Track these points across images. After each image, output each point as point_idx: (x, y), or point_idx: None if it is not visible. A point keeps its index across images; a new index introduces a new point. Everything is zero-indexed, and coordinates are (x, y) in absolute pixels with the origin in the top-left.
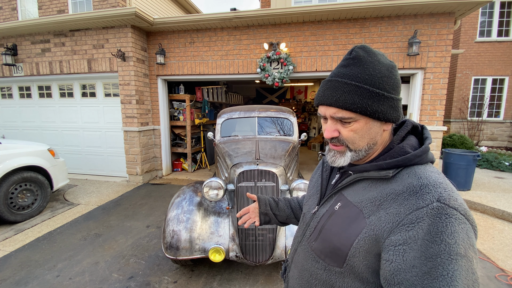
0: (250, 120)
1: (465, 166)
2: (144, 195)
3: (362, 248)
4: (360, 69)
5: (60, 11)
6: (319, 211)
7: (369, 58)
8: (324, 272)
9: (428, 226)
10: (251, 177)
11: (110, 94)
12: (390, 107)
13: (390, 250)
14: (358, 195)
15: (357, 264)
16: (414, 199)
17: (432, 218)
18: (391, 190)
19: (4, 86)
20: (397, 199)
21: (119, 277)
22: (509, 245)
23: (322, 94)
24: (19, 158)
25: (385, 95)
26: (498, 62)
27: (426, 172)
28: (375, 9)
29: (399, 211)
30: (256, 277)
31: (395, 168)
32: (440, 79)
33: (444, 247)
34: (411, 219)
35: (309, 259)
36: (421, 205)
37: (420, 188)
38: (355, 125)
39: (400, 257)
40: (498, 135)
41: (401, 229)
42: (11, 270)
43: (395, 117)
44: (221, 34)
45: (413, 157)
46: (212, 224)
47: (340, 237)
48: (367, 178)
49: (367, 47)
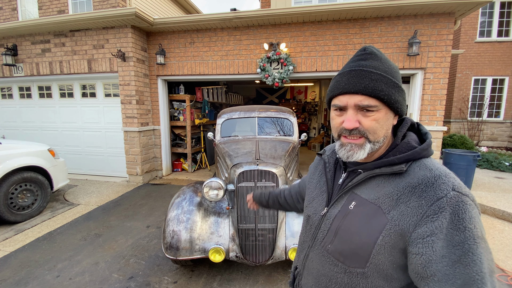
0: (250, 120)
1: (465, 166)
2: (144, 195)
3: (388, 244)
4: (379, 62)
5: (60, 11)
6: (329, 213)
7: (381, 55)
8: (345, 275)
9: (450, 215)
10: (251, 177)
11: (110, 94)
12: (403, 100)
13: (418, 243)
14: (373, 192)
15: (382, 262)
16: (432, 190)
17: (452, 206)
18: (406, 183)
19: (4, 86)
20: (415, 192)
21: (119, 277)
22: (509, 245)
23: (347, 81)
24: (19, 158)
25: (402, 88)
26: (498, 62)
27: (435, 164)
28: (375, 9)
29: (421, 204)
30: (256, 277)
31: (406, 163)
32: (440, 79)
33: (468, 233)
34: (434, 210)
35: (326, 264)
36: (440, 195)
37: (435, 179)
38: (377, 115)
39: (430, 248)
40: (498, 135)
41: (426, 221)
42: (11, 270)
43: (403, 111)
44: (221, 34)
45: (421, 151)
46: (212, 224)
47: (361, 236)
48: (379, 174)
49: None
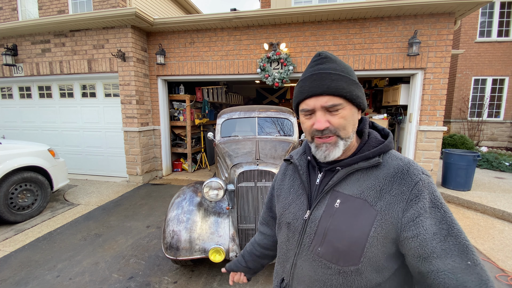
0: (250, 120)
1: (465, 166)
2: (144, 195)
3: (380, 235)
4: (335, 64)
5: (60, 11)
6: (313, 215)
7: (335, 58)
8: (340, 276)
9: (428, 195)
10: (251, 177)
11: (110, 94)
12: (363, 94)
13: (411, 226)
14: (355, 188)
15: (375, 253)
16: (408, 176)
17: (427, 187)
18: (385, 174)
19: (4, 86)
20: (395, 180)
21: (119, 278)
22: (509, 246)
23: (310, 85)
24: (19, 159)
25: (359, 84)
26: (498, 62)
27: (399, 155)
28: (375, 9)
29: (402, 190)
30: (256, 277)
31: (379, 155)
32: (440, 79)
33: (445, 208)
34: (415, 193)
35: (318, 268)
36: (416, 179)
37: (408, 166)
38: (343, 112)
39: (421, 228)
40: (498, 135)
41: (411, 204)
42: (11, 270)
43: (365, 105)
44: (221, 35)
45: (389, 143)
46: (212, 224)
47: (352, 232)
48: (358, 169)
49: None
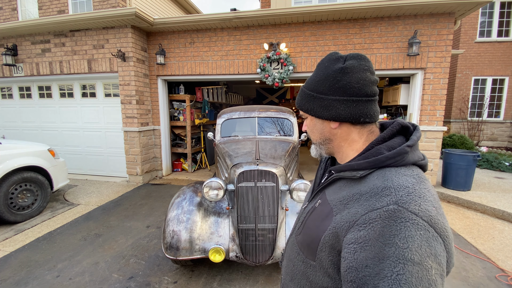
0: (250, 120)
1: (465, 167)
2: (144, 195)
3: (327, 244)
4: (312, 77)
5: (60, 11)
6: (307, 207)
7: (323, 65)
8: (303, 264)
9: (381, 228)
10: (251, 177)
11: (110, 94)
12: (320, 106)
13: (345, 248)
14: (334, 194)
15: (324, 259)
16: (373, 200)
17: (386, 220)
18: (357, 190)
19: (4, 86)
20: (360, 200)
21: (119, 278)
22: (509, 245)
23: None
24: (19, 159)
25: (315, 96)
26: (498, 62)
27: (397, 175)
28: (375, 9)
29: (357, 211)
30: (256, 277)
31: (367, 169)
32: (440, 79)
33: (394, 250)
34: (365, 220)
35: (294, 251)
36: (376, 206)
37: (382, 189)
38: (306, 121)
39: (351, 255)
40: (498, 135)
41: (355, 229)
42: (11, 270)
43: (323, 115)
44: (221, 34)
45: (385, 159)
46: (212, 224)
47: (313, 232)
48: (343, 177)
49: (338, 53)
